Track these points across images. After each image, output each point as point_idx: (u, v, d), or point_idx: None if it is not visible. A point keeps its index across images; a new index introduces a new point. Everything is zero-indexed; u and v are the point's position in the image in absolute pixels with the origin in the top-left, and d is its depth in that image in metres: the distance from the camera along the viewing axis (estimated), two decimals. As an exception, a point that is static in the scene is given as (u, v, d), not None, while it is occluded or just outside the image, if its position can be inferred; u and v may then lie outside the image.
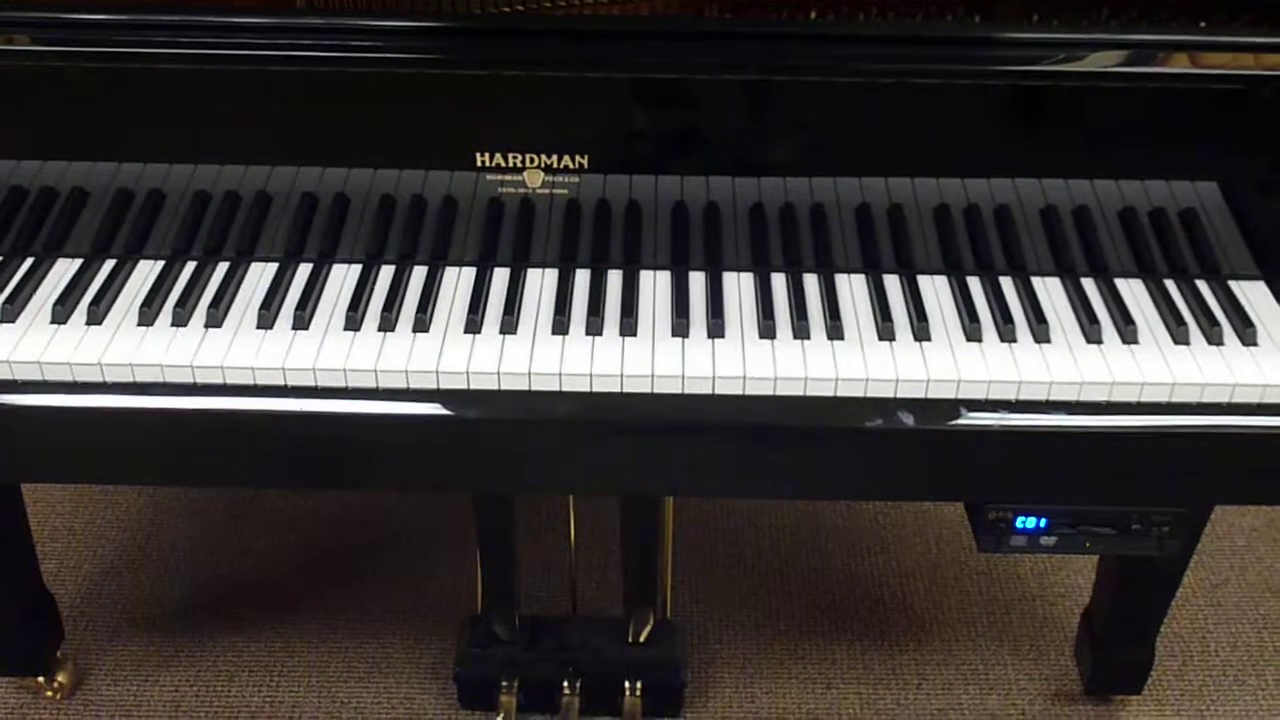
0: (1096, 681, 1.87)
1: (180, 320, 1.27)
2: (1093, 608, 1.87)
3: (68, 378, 1.24)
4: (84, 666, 1.91)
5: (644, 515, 1.70)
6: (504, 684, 1.77)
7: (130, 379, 1.24)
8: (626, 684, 1.77)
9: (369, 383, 1.24)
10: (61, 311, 1.28)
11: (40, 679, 1.85)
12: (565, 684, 1.76)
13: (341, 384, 1.24)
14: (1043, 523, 1.32)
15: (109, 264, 1.34)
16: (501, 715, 1.76)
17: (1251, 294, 1.32)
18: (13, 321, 1.28)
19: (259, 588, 2.05)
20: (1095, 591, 1.86)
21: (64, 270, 1.34)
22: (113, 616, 1.99)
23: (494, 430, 1.26)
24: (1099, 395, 1.23)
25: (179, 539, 2.14)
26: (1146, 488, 1.31)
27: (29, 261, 1.34)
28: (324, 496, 2.22)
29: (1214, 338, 1.26)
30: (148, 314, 1.28)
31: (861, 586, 2.06)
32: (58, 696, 1.87)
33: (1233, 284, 1.33)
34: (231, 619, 1.99)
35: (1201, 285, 1.33)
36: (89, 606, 2.00)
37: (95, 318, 1.27)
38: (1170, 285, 1.33)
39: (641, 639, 1.79)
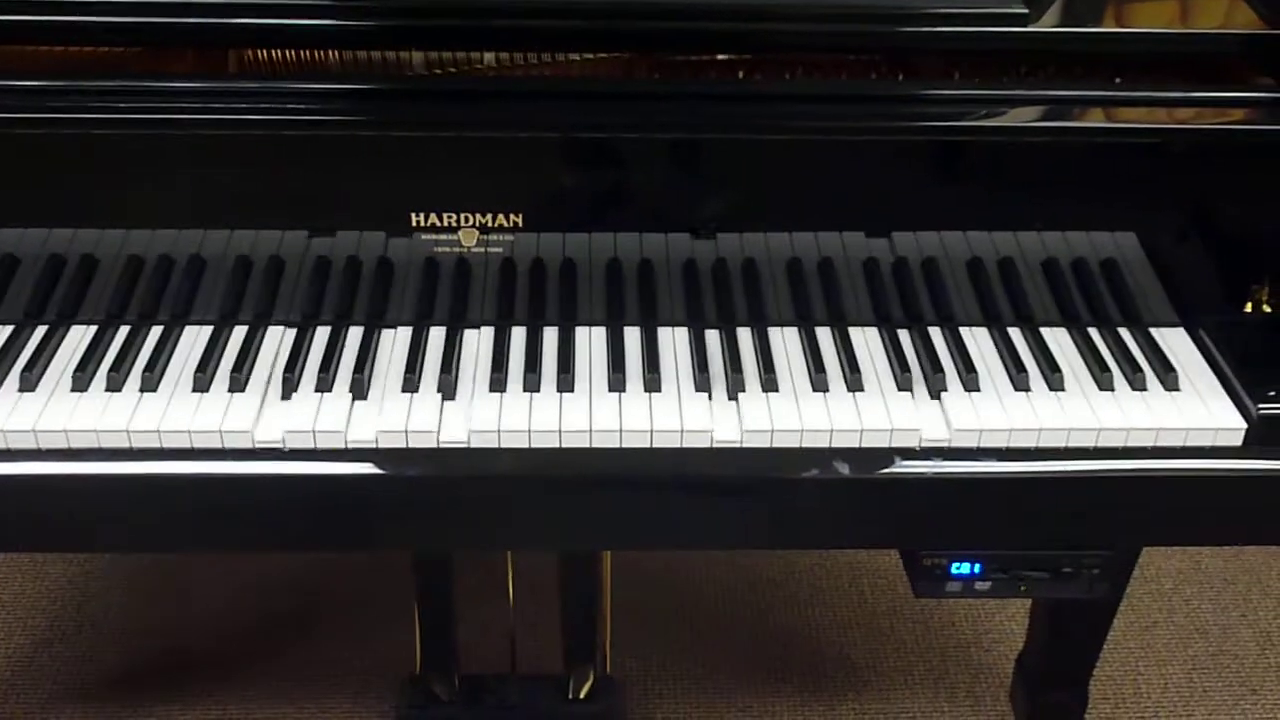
0: (1033, 724, 1.88)
1: (115, 385, 1.26)
2: (1027, 652, 1.89)
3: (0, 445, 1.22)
4: (12, 739, 1.87)
5: (582, 571, 1.70)
6: (443, 745, 1.76)
7: (65, 445, 1.22)
8: (567, 742, 1.76)
9: (307, 444, 1.22)
10: (-10, 379, 1.26)
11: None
12: (506, 743, 1.75)
13: (279, 446, 1.22)
14: (977, 568, 1.33)
15: (40, 330, 1.33)
16: (442, 777, 1.75)
17: (1172, 340, 1.35)
18: None
19: (194, 654, 2.03)
20: (1029, 636, 1.88)
21: None
22: (45, 688, 1.96)
23: (433, 488, 1.25)
24: (1027, 441, 1.24)
25: (111, 607, 2.11)
26: (1076, 531, 1.31)
27: None
28: (258, 559, 2.20)
29: (1137, 383, 1.28)
30: (81, 379, 1.26)
31: (800, 638, 2.06)
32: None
33: (1154, 330, 1.36)
34: (167, 687, 1.97)
35: (1124, 333, 1.35)
36: (20, 678, 1.97)
37: (28, 384, 1.26)
38: (1094, 333, 1.35)
39: (582, 695, 1.78)
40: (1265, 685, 2.00)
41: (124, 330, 1.34)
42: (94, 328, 1.34)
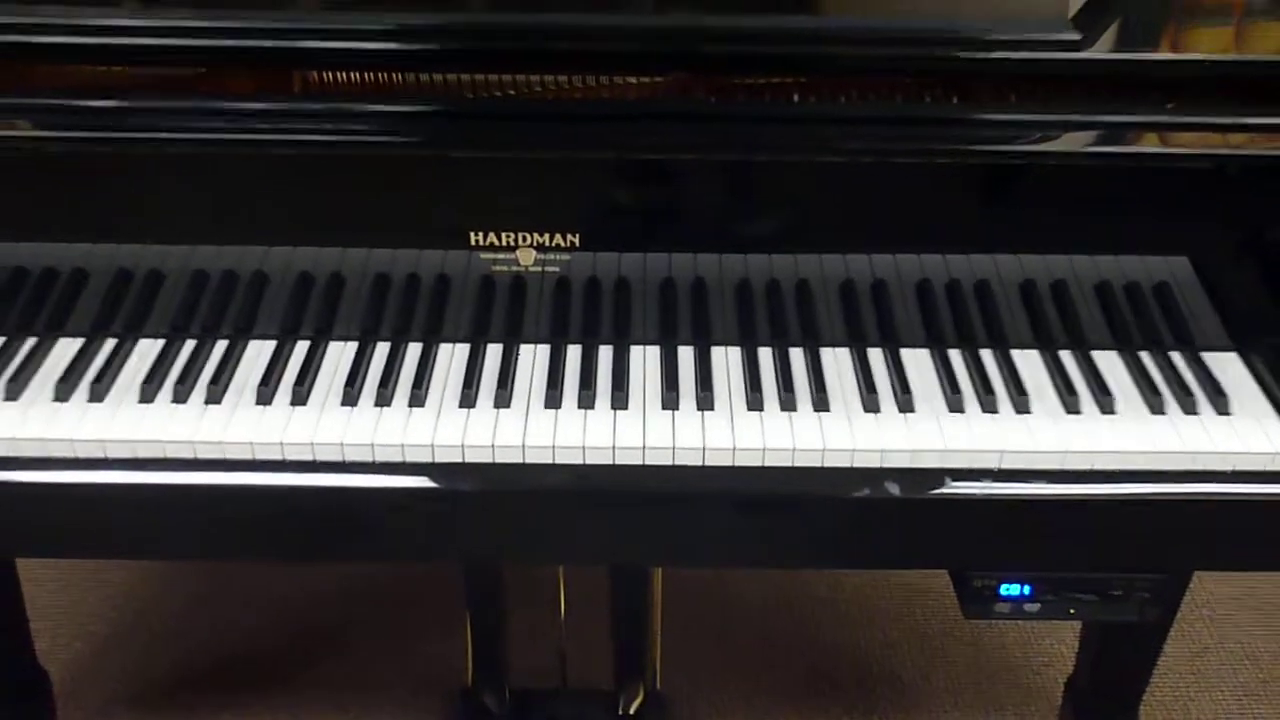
0: (1083, 748, 1.87)
1: (180, 397, 1.28)
2: (1076, 676, 1.88)
3: (70, 454, 1.24)
4: (73, 740, 1.90)
5: (633, 587, 1.71)
6: (495, 758, 1.77)
7: (131, 455, 1.24)
8: (617, 756, 1.77)
9: (365, 456, 1.24)
10: (64, 389, 1.28)
11: (29, 752, 1.84)
12: (556, 758, 1.76)
13: (338, 458, 1.24)
14: (1027, 589, 1.32)
15: (110, 343, 1.35)
16: (493, 790, 1.76)
17: (1224, 365, 1.34)
18: (15, 400, 1.28)
19: (248, 662, 2.05)
20: (1079, 659, 1.87)
21: (66, 349, 1.34)
22: (102, 694, 1.98)
23: (487, 501, 1.26)
24: (1079, 464, 1.24)
25: (167, 616, 2.14)
26: (1127, 554, 1.31)
27: (31, 341, 1.35)
28: (312, 570, 2.22)
29: (1189, 407, 1.28)
30: (148, 391, 1.28)
31: (849, 657, 2.06)
32: (47, 769, 1.85)
33: (1206, 355, 1.35)
34: (220, 694, 1.98)
35: (1175, 357, 1.35)
36: (79, 684, 1.99)
37: (97, 395, 1.28)
38: (1145, 357, 1.35)
39: (631, 712, 1.79)
40: (1321, 713, 1.99)
41: (190, 344, 1.35)
42: (161, 342, 1.36)
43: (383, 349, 1.35)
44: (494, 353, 1.35)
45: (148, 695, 1.98)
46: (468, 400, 1.29)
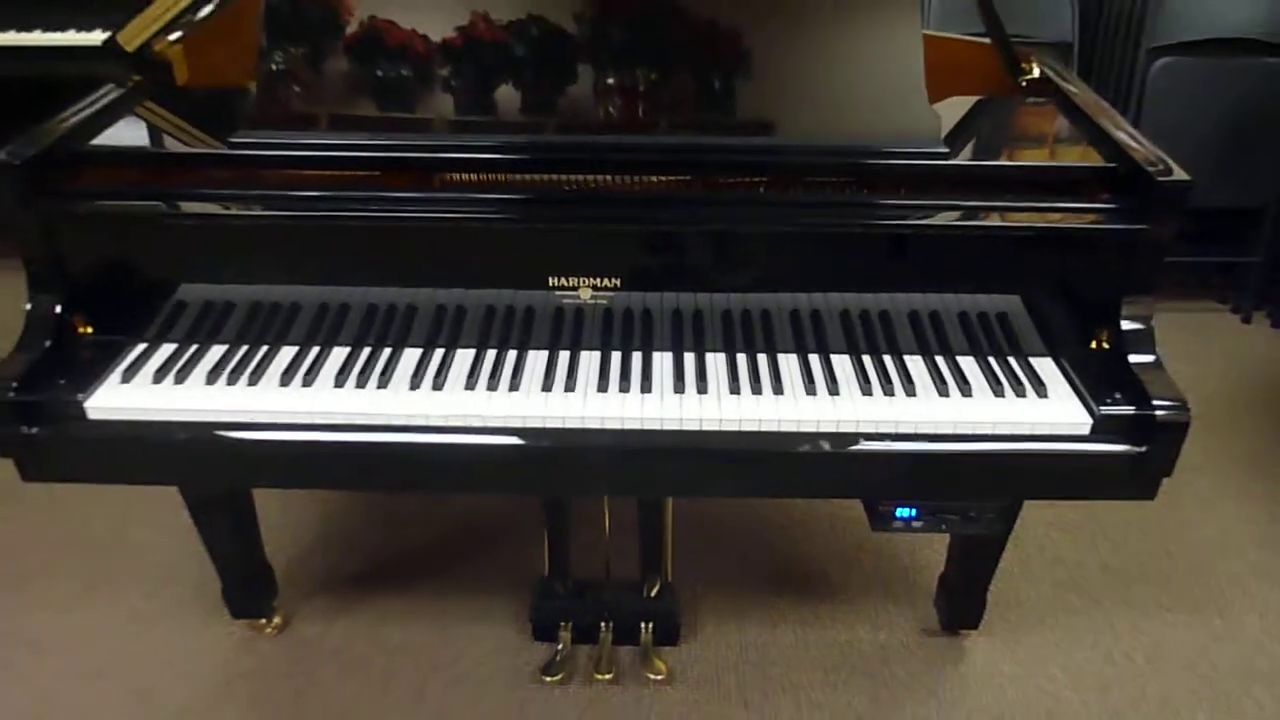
0: (949, 621, 1.87)
1: (361, 384, 1.31)
2: (946, 572, 1.89)
3: (290, 420, 1.27)
4: (289, 613, 1.93)
5: (653, 511, 1.72)
6: (562, 624, 1.78)
7: (328, 421, 1.27)
8: (642, 624, 1.78)
9: (480, 424, 1.27)
10: (286, 379, 1.31)
11: (262, 621, 1.87)
12: (602, 624, 1.78)
13: (465, 424, 1.27)
14: (914, 512, 1.33)
15: (314, 350, 1.37)
16: (560, 645, 1.77)
17: (1043, 365, 1.35)
18: (255, 385, 1.31)
19: (400, 562, 2.06)
20: (947, 561, 1.88)
21: (286, 354, 1.36)
22: (309, 583, 2.00)
23: (559, 454, 1.28)
24: (948, 429, 1.26)
25: (350, 532, 2.15)
26: (979, 489, 1.32)
27: (264, 349, 1.37)
28: (439, 502, 2.22)
29: (1019, 392, 1.29)
30: (341, 379, 1.31)
31: (795, 561, 2.07)
32: (272, 633, 1.88)
33: (1031, 359, 1.36)
34: (383, 582, 2.00)
35: (1011, 360, 1.36)
36: (293, 576, 2.01)
37: (309, 383, 1.31)
38: (991, 360, 1.36)
39: (652, 594, 1.80)
40: (1104, 597, 1.98)
41: (366, 351, 1.37)
42: (348, 349, 1.37)
43: (490, 354, 1.36)
44: (564, 357, 1.35)
45: (336, 584, 2.01)
46: (547, 387, 1.30)
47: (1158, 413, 1.23)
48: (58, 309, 1.32)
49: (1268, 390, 2.58)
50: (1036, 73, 1.59)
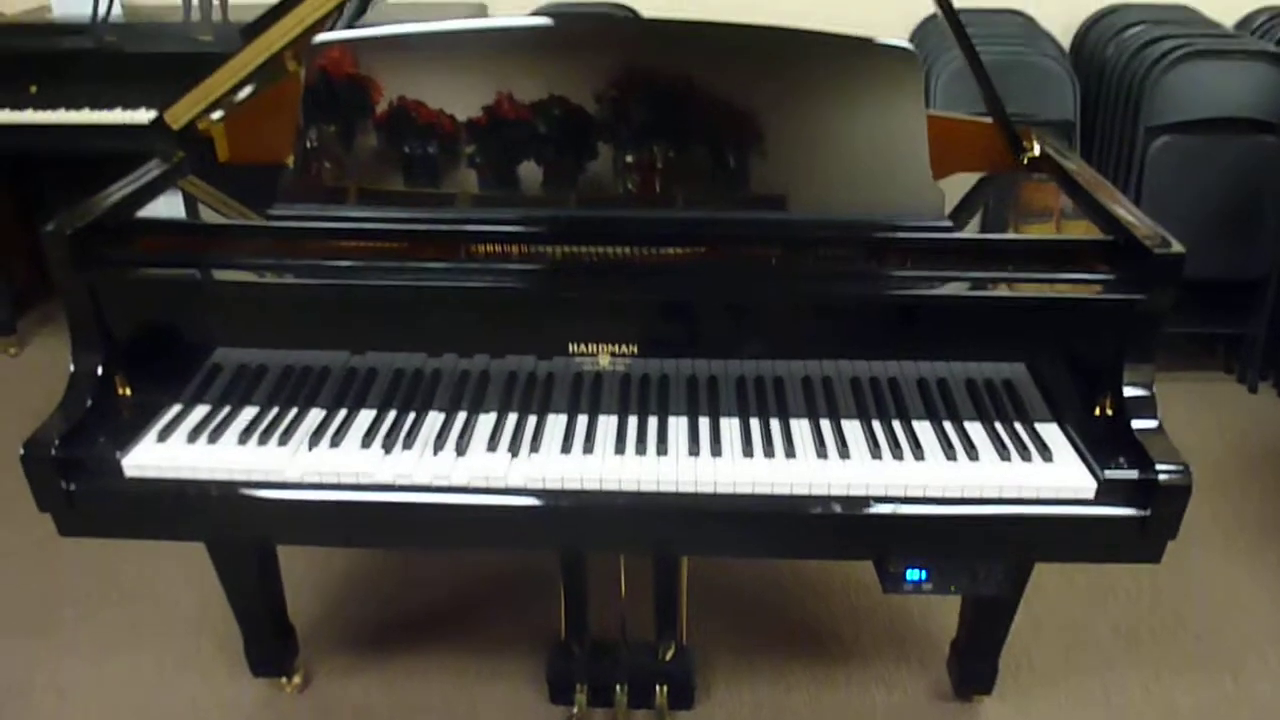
0: (961, 685, 1.85)
1: (388, 448, 1.32)
2: (958, 636, 1.87)
3: (316, 480, 1.29)
4: (311, 671, 1.92)
5: (669, 572, 1.71)
6: (578, 686, 1.77)
7: (355, 481, 1.29)
8: (657, 686, 1.77)
9: (501, 485, 1.28)
10: (314, 440, 1.34)
11: (283, 679, 1.87)
12: (618, 686, 1.77)
13: (484, 485, 1.28)
14: (924, 574, 1.33)
15: (341, 413, 1.39)
16: (576, 707, 1.76)
17: (1048, 430, 1.35)
18: (285, 446, 1.33)
19: (420, 622, 2.06)
20: (959, 625, 1.86)
21: (315, 416, 1.38)
22: (330, 641, 2.00)
23: (577, 514, 1.29)
24: (956, 493, 1.27)
25: (373, 590, 2.15)
26: (987, 549, 1.32)
27: (293, 411, 1.39)
28: (460, 561, 2.22)
29: (1025, 457, 1.30)
30: (367, 441, 1.33)
31: (808, 622, 2.06)
32: (293, 691, 1.88)
33: (1037, 424, 1.36)
34: (404, 641, 2.00)
35: (1017, 425, 1.36)
36: (315, 634, 2.01)
37: (336, 444, 1.33)
38: (998, 425, 1.36)
39: (667, 657, 1.79)
40: (1116, 660, 1.96)
41: (391, 414, 1.38)
42: (374, 411, 1.39)
43: (512, 417, 1.37)
44: (582, 421, 1.37)
45: (359, 643, 2.00)
46: (566, 449, 1.32)
47: (1160, 476, 1.24)
48: (99, 370, 1.36)
49: (1275, 456, 2.57)
50: (1037, 150, 1.62)
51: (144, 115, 2.64)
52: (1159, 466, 1.24)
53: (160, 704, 1.84)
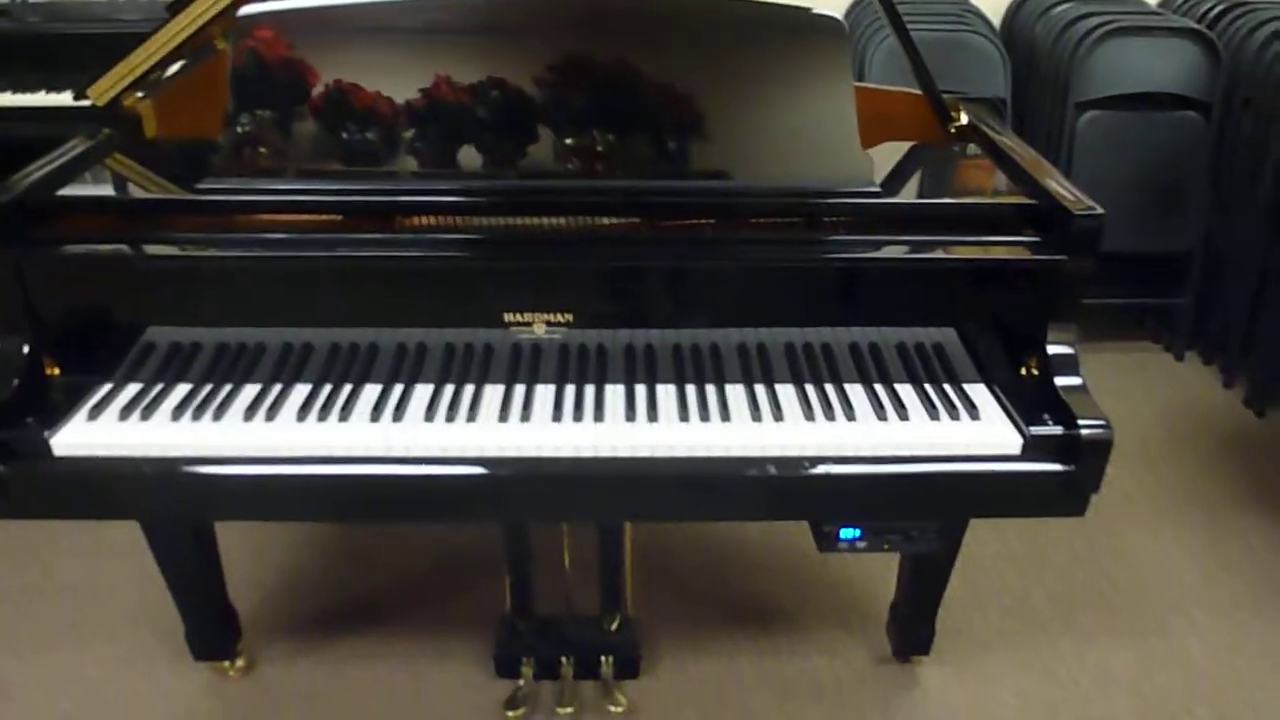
0: (901, 648, 1.89)
1: (322, 418, 1.32)
2: (896, 599, 1.91)
3: (253, 454, 1.28)
4: (254, 657, 1.91)
5: (612, 546, 1.73)
6: (524, 660, 1.78)
7: (292, 454, 1.28)
8: (602, 658, 1.79)
9: (439, 454, 1.28)
10: (250, 415, 1.32)
11: (225, 663, 1.86)
12: (563, 659, 1.78)
13: (422, 455, 1.28)
14: (857, 533, 1.35)
15: (276, 388, 1.37)
16: (523, 680, 1.77)
17: (976, 391, 1.38)
18: (219, 421, 1.32)
19: (362, 601, 2.05)
20: (896, 589, 1.90)
21: (250, 392, 1.37)
22: (273, 624, 1.99)
23: (516, 483, 1.29)
24: (888, 451, 1.29)
25: (312, 570, 2.14)
26: (919, 508, 1.34)
27: (227, 387, 1.37)
28: (402, 538, 2.21)
29: (954, 416, 1.33)
30: (303, 415, 1.32)
31: (753, 593, 2.08)
32: (237, 675, 1.86)
33: (965, 385, 1.39)
34: (347, 622, 1.99)
35: (947, 387, 1.39)
36: (257, 619, 1.99)
37: (270, 418, 1.32)
38: (928, 387, 1.38)
39: (612, 629, 1.81)
40: (1050, 624, 2.01)
41: (327, 388, 1.37)
42: (309, 385, 1.38)
43: (449, 389, 1.37)
44: (519, 390, 1.37)
45: (301, 624, 1.99)
46: (504, 417, 1.32)
47: (1083, 432, 1.27)
48: (25, 350, 1.33)
49: (1201, 423, 2.65)
50: (965, 120, 1.65)
51: (69, 99, 2.58)
52: (1081, 422, 1.27)
53: (102, 697, 1.82)
